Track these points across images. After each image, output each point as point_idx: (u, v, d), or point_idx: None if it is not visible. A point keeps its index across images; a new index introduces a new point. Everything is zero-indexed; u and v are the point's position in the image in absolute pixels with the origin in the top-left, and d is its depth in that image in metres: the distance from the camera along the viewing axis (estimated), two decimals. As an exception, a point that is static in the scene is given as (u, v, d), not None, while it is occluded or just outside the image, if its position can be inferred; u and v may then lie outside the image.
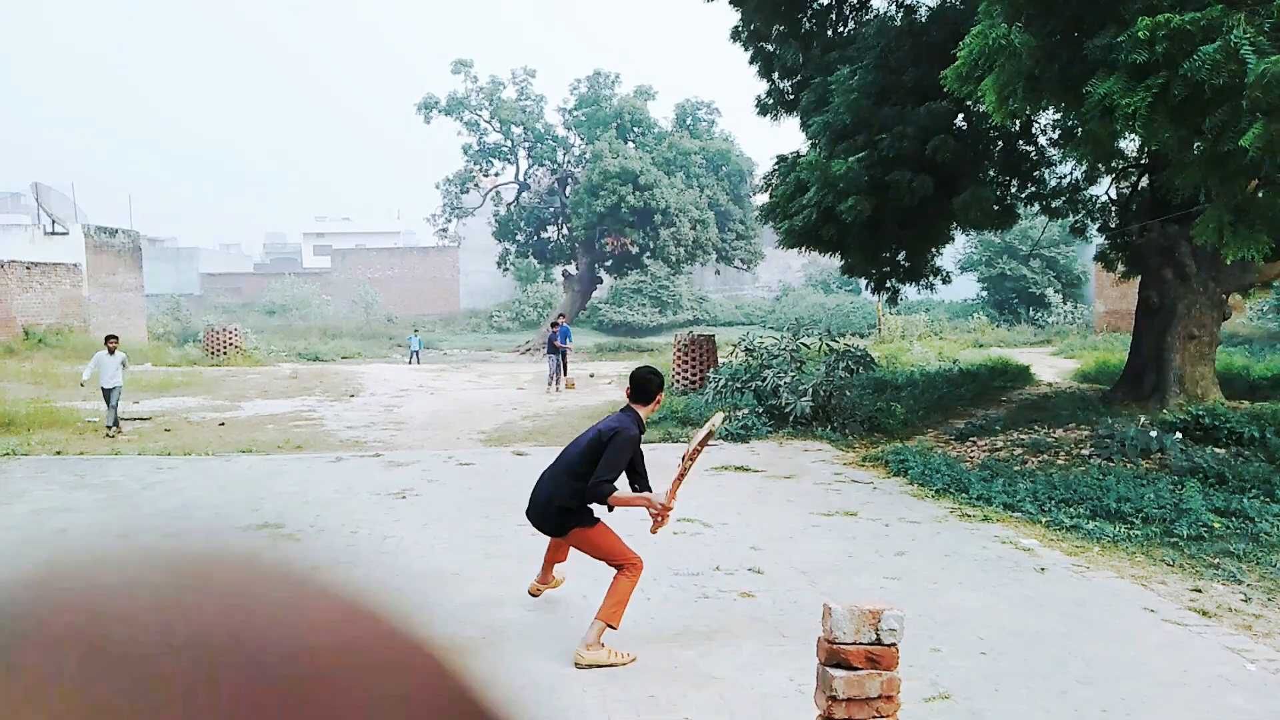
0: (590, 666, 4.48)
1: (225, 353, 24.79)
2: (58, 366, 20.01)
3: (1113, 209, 14.02)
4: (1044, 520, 7.38)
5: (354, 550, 6.65)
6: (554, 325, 19.58)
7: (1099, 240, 15.23)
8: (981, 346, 26.50)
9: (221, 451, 11.06)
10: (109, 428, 12.33)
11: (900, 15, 13.20)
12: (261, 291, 48.35)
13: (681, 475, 4.85)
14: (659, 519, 4.80)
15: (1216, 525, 6.94)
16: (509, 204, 36.80)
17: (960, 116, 11.94)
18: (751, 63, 14.87)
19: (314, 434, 12.77)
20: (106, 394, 12.32)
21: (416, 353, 29.40)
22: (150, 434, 12.62)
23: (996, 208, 12.52)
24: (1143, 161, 12.60)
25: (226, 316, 36.75)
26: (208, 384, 19.35)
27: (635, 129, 34.84)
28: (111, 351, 12.40)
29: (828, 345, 13.10)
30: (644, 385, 4.85)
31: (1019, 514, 7.60)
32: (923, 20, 12.58)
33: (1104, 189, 14.21)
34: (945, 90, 9.17)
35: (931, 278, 14.47)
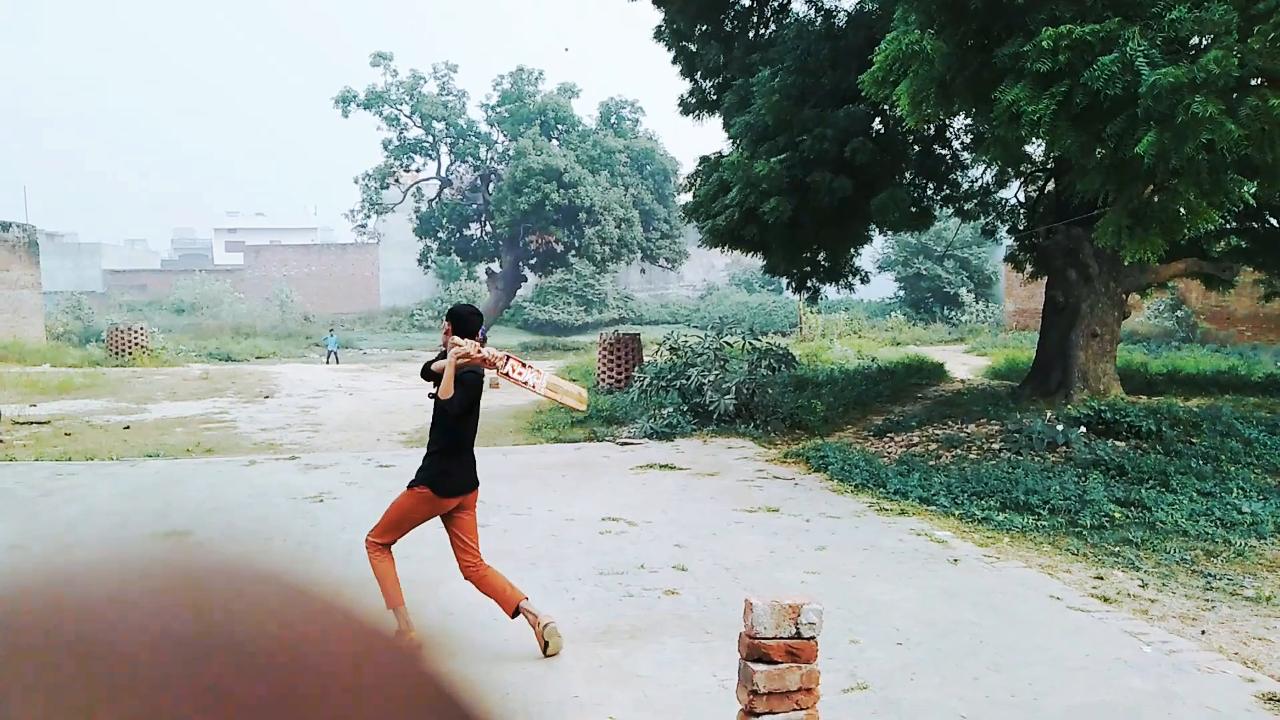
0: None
1: (130, 353, 23.75)
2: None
3: (1021, 212, 14.57)
4: (957, 513, 7.61)
5: (268, 558, 6.44)
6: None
7: (1009, 242, 15.82)
8: (899, 345, 27.26)
9: (126, 456, 10.59)
10: None
11: (819, 19, 13.45)
12: (170, 289, 46.49)
13: (506, 368, 4.70)
14: (490, 363, 4.63)
15: (1117, 515, 7.27)
16: (430, 200, 36.22)
17: (878, 120, 12.23)
18: (674, 62, 14.96)
19: (226, 437, 12.34)
20: None
21: (334, 352, 28.71)
22: (48, 439, 12.00)
23: (913, 209, 12.87)
24: (1049, 166, 13.12)
25: (132, 315, 35.24)
26: (111, 386, 18.50)
27: (559, 126, 34.69)
28: None
29: (750, 344, 13.27)
30: (467, 322, 4.74)
31: (934, 507, 7.83)
32: (841, 25, 12.84)
33: (1013, 192, 14.76)
34: (863, 94, 9.38)
35: (851, 277, 14.80)
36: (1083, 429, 9.33)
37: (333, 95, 33.23)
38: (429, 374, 4.82)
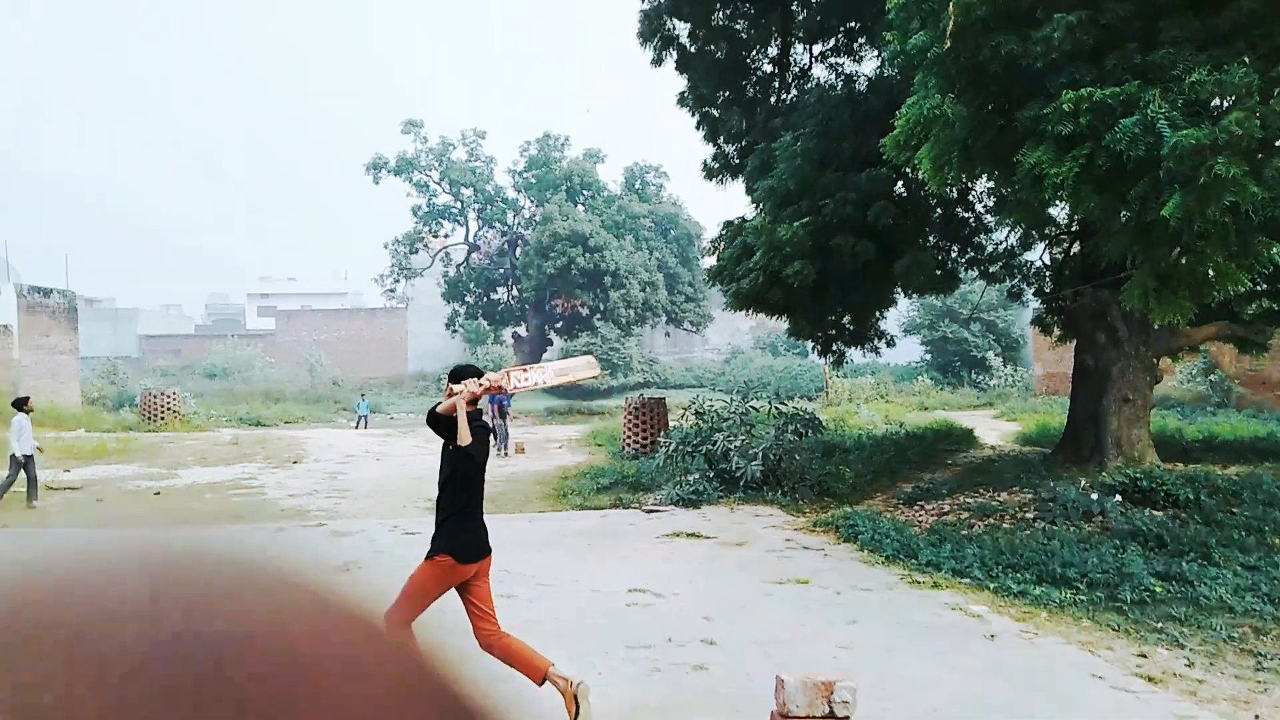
0: None
1: (163, 418, 24.05)
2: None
3: (1047, 274, 14.48)
4: (992, 586, 7.39)
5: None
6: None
7: (1035, 305, 15.68)
8: (926, 409, 26.94)
9: (157, 522, 10.60)
10: (32, 500, 11.77)
11: (840, 85, 13.65)
12: (203, 354, 47.27)
13: (512, 383, 4.65)
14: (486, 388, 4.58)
15: (1158, 589, 7.02)
16: (458, 265, 36.76)
17: (900, 183, 12.29)
18: (698, 128, 15.20)
19: (255, 503, 12.36)
20: (26, 462, 11.71)
21: (364, 417, 28.90)
22: (81, 505, 12.09)
23: (938, 272, 12.84)
24: (1073, 229, 13.06)
25: (165, 380, 35.78)
26: (144, 451, 18.70)
27: (585, 192, 35.27)
28: (29, 414, 11.87)
29: (776, 408, 13.17)
30: (465, 376, 4.73)
31: (967, 580, 7.61)
32: (862, 90, 13.01)
33: (1038, 255, 14.69)
34: (885, 158, 9.44)
35: (876, 341, 14.71)
36: (1118, 498, 9.09)
37: (364, 162, 34.08)
38: (435, 419, 4.78)
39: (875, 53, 13.15)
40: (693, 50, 14.16)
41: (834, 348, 14.57)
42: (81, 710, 0.27)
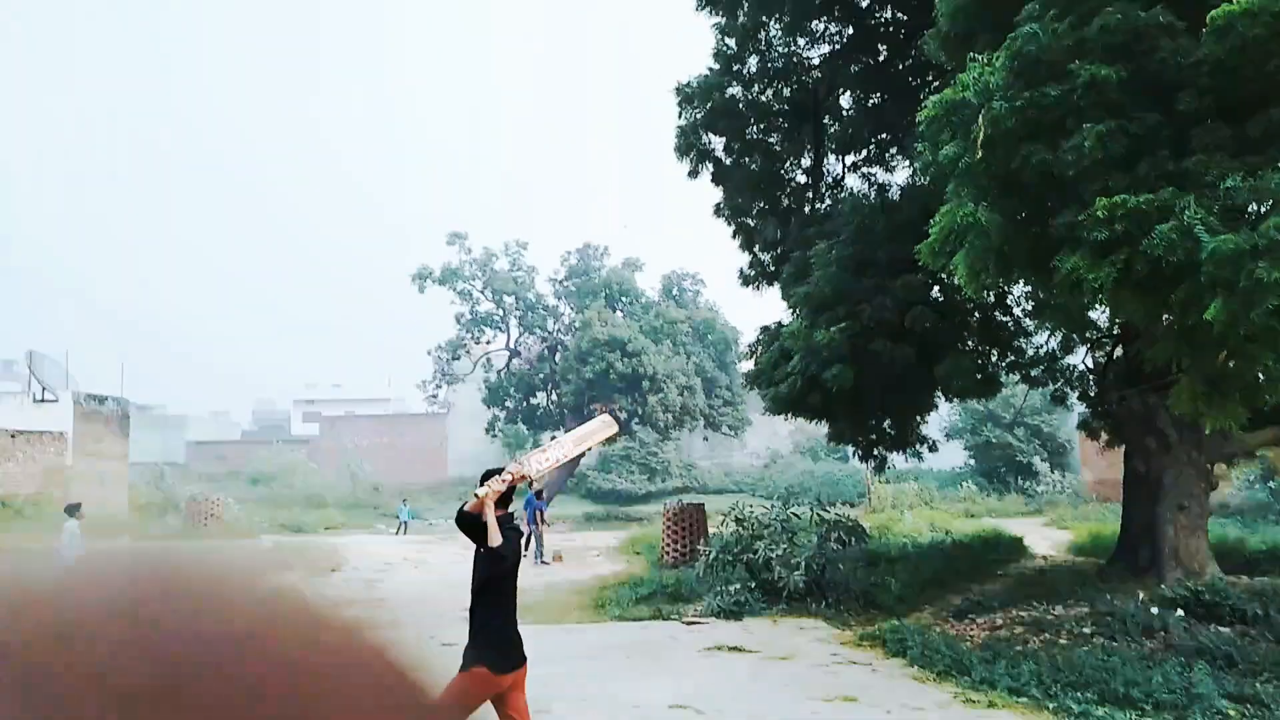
0: None
1: (206, 524, 24.24)
2: (31, 540, 19.45)
3: (1091, 378, 14.26)
4: (1051, 706, 7.00)
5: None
6: (488, 477, 19.32)
7: (1081, 409, 15.39)
8: (973, 516, 26.19)
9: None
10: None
11: (874, 193, 13.91)
12: (248, 459, 47.90)
13: (547, 459, 4.56)
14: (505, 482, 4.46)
15: (1232, 713, 6.59)
16: (499, 371, 37.24)
17: (936, 288, 12.32)
18: (734, 236, 15.50)
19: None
20: None
21: (405, 523, 28.88)
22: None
23: (978, 376, 12.71)
24: (1115, 332, 12.92)
25: (211, 486, 36.22)
26: (183, 557, 18.75)
27: (623, 299, 35.85)
28: (80, 520, 11.92)
29: (819, 515, 12.90)
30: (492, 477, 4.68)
31: (1025, 699, 7.23)
32: (895, 198, 13.23)
33: (1080, 358, 14.51)
34: (920, 263, 9.49)
35: (918, 446, 14.49)
36: (1180, 612, 8.65)
37: (410, 272, 35.10)
38: (464, 520, 4.73)
39: (907, 162, 13.42)
40: (728, 163, 14.59)
41: (875, 452, 14.36)
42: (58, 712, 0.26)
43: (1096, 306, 8.97)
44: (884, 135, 14.11)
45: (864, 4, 13.89)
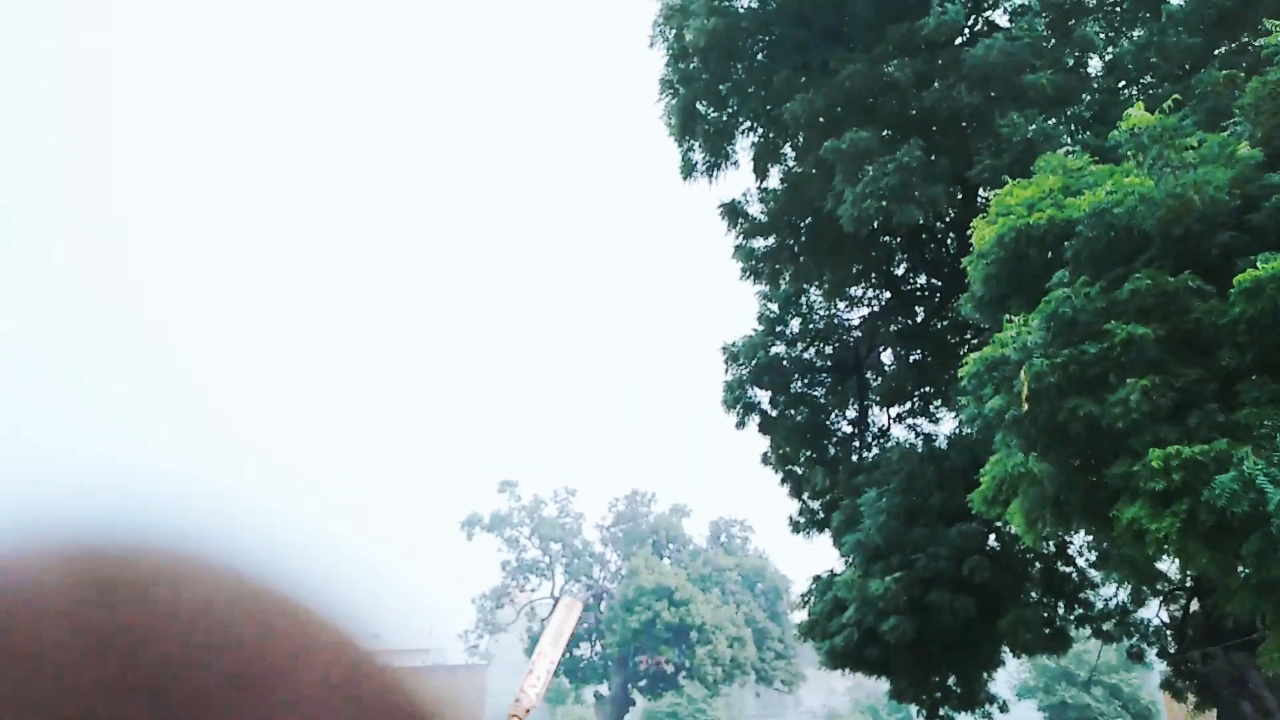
0: None
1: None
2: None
3: (1168, 633, 13.50)
4: None
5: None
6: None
7: (1162, 667, 14.42)
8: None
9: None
10: None
11: (920, 442, 14.07)
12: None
13: (538, 681, 4.18)
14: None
15: None
16: (543, 620, 36.22)
17: (993, 537, 12.11)
18: (782, 483, 15.57)
19: None
20: None
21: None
22: None
23: (1045, 630, 12.13)
24: (1188, 584, 12.40)
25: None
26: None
27: (670, 545, 35.42)
28: None
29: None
30: None
31: None
32: (942, 447, 13.35)
33: (1154, 611, 13.82)
34: (974, 512, 9.43)
35: (987, 705, 13.56)
36: None
37: (460, 519, 35.36)
38: None
39: (951, 414, 13.69)
40: (774, 414, 15.00)
41: (940, 712, 13.43)
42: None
43: (1164, 557, 8.72)
44: (926, 388, 14.52)
45: (899, 272, 14.86)
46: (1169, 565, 11.15)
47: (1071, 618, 13.16)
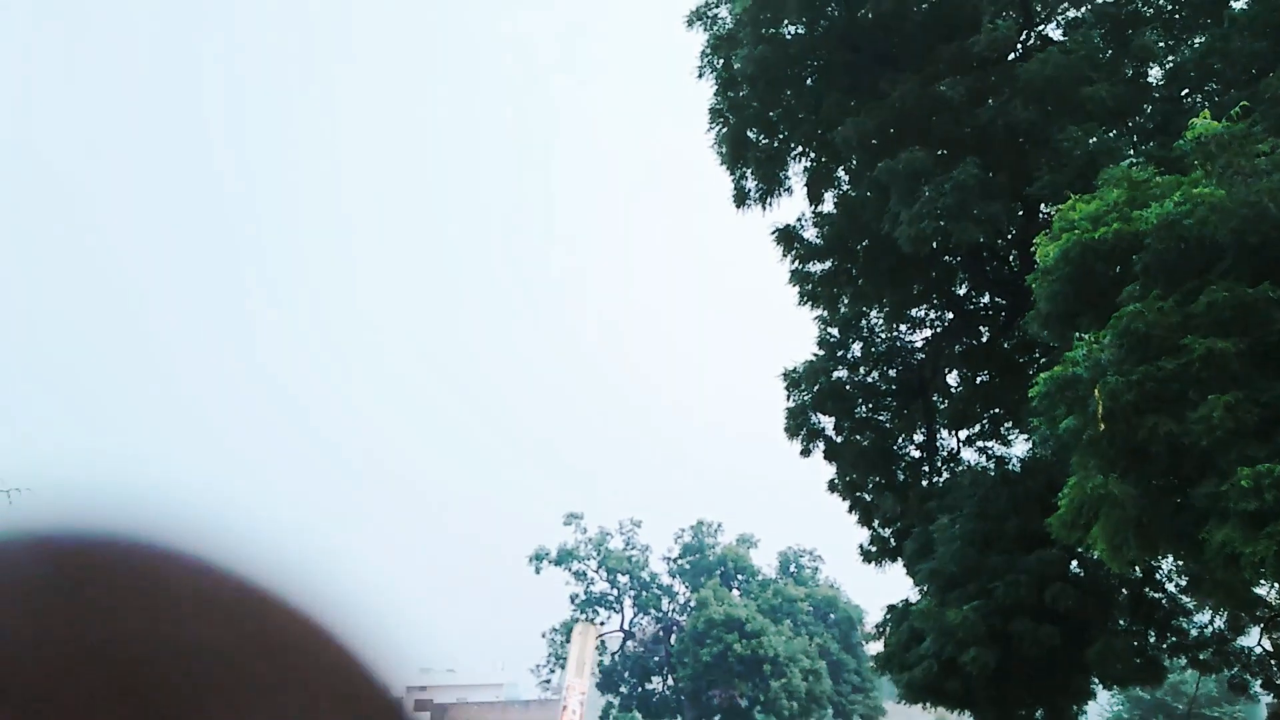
0: None
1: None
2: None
3: (1273, 663, 12.77)
4: None
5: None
6: None
7: (1268, 699, 13.63)
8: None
9: None
10: None
11: (993, 466, 13.68)
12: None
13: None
14: None
15: None
16: (613, 653, 36.04)
17: (1074, 563, 11.67)
18: (850, 511, 15.28)
19: None
20: None
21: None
22: None
23: (1136, 660, 11.59)
24: (1289, 609, 11.73)
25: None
26: None
27: (739, 576, 34.98)
28: None
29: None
30: None
31: None
32: (1016, 470, 12.96)
33: (1256, 639, 13.09)
34: (1053, 537, 9.11)
35: (1080, 739, 12.99)
36: None
37: (527, 554, 35.50)
38: None
39: (1023, 436, 13.30)
40: (839, 441, 14.76)
41: (1029, 748, 12.90)
42: None
43: (1261, 582, 8.29)
44: (996, 410, 14.14)
45: (961, 291, 14.56)
46: (1268, 590, 10.58)
47: (1164, 647, 12.54)
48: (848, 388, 14.59)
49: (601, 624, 37.12)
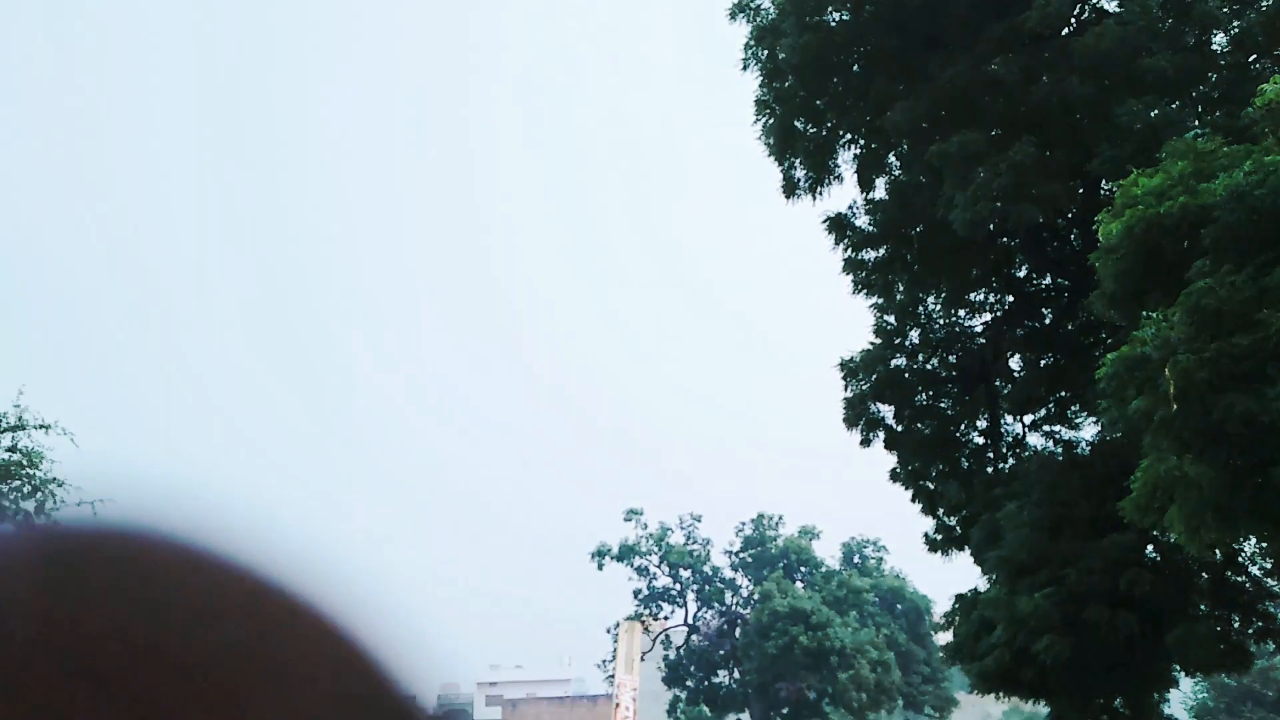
0: None
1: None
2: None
3: (1366, 645, 12.30)
4: None
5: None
6: None
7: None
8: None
9: None
10: None
11: (1060, 450, 13.38)
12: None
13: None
14: None
15: None
16: (678, 648, 36.12)
17: (1150, 547, 11.37)
18: (914, 500, 15.07)
19: None
20: None
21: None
22: None
23: (1220, 646, 11.25)
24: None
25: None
26: None
27: (802, 568, 34.76)
28: None
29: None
30: None
31: None
32: (1085, 453, 12.67)
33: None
34: (1126, 521, 8.90)
35: (1161, 728, 12.66)
36: None
37: (589, 550, 35.76)
38: None
39: (1092, 418, 12.98)
40: (899, 430, 14.57)
41: (1109, 737, 12.61)
42: None
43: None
44: (1062, 393, 13.82)
45: (1021, 274, 14.26)
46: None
47: (1249, 632, 12.14)
48: (907, 376, 14.39)
49: (666, 618, 37.22)
